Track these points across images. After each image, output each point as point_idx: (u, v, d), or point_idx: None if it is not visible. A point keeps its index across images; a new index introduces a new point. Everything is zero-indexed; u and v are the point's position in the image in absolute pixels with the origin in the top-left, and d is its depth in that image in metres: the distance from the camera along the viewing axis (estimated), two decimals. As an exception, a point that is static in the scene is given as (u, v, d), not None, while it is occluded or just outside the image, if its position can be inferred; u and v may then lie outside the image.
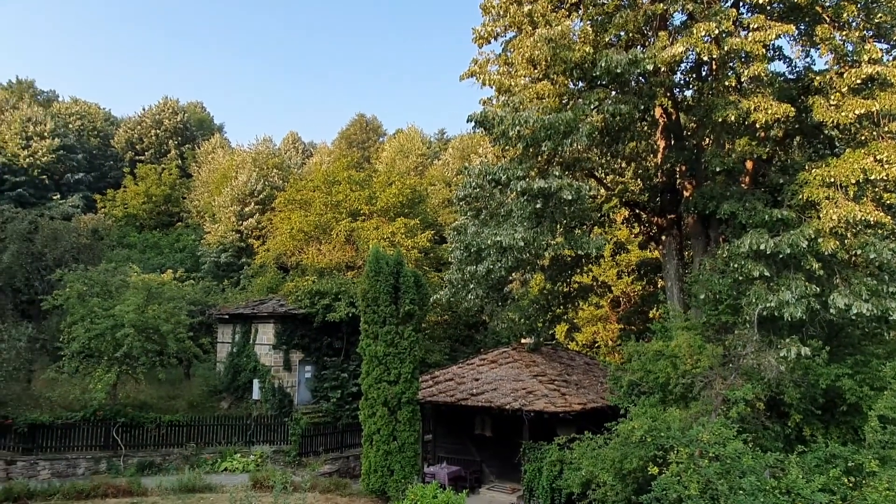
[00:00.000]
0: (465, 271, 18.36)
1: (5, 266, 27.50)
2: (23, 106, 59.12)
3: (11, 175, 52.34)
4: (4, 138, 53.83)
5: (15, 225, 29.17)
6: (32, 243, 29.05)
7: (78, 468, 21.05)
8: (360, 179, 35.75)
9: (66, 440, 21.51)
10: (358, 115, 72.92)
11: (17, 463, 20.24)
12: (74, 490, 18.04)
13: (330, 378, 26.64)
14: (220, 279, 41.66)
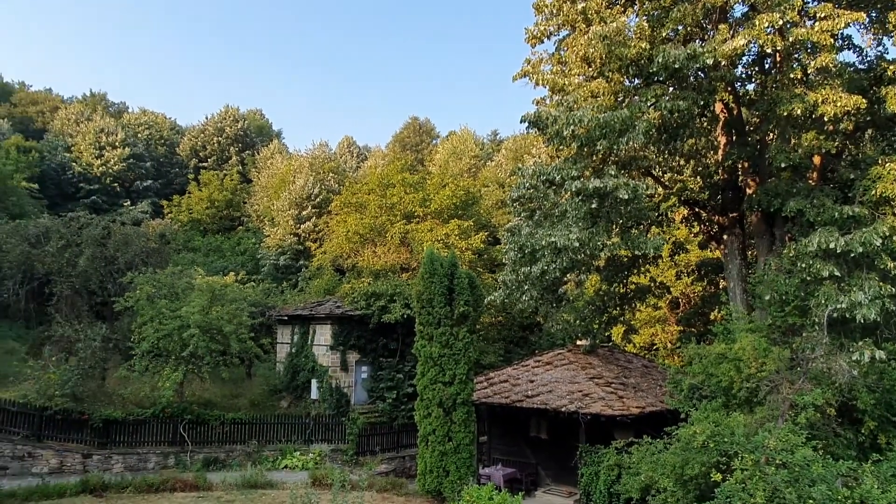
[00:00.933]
0: (520, 272, 18.27)
1: (81, 269, 29.00)
2: (96, 118, 62.36)
3: (86, 183, 55.29)
4: (80, 148, 56.88)
5: (90, 231, 30.74)
6: (106, 248, 30.51)
7: (148, 462, 21.98)
8: (414, 182, 36.04)
9: (137, 435, 22.48)
10: (411, 118, 73.65)
11: (92, 456, 21.30)
12: (145, 483, 18.83)
13: (385, 378, 26.97)
14: (279, 281, 42.79)
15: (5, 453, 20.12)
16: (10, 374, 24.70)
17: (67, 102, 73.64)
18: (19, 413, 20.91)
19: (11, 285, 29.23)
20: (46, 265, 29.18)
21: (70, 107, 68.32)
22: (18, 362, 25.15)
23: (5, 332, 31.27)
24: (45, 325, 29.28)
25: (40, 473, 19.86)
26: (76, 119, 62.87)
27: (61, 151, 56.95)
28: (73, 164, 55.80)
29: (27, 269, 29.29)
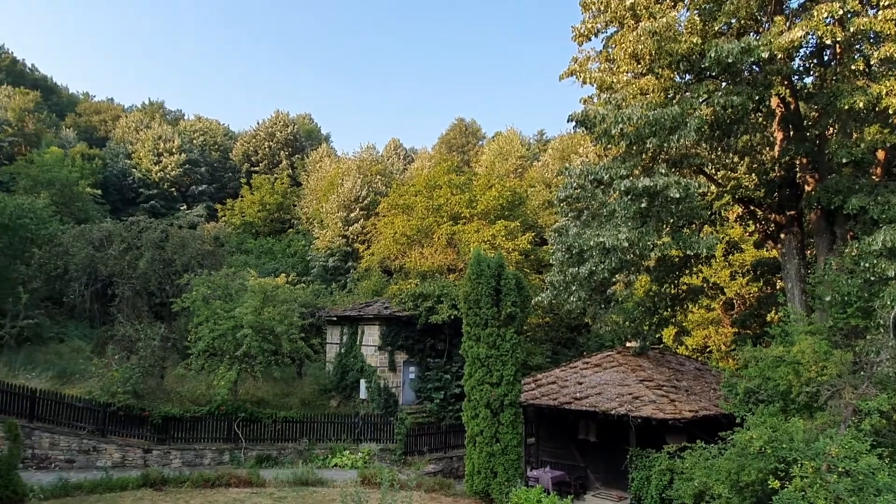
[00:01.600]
0: (567, 273, 18.08)
1: (141, 272, 30.15)
2: (154, 125, 64.78)
3: (146, 188, 57.50)
4: (140, 155, 59.20)
5: (149, 234, 31.95)
6: (164, 250, 31.63)
7: (204, 458, 22.67)
8: (461, 183, 36.11)
9: (193, 432, 23.20)
10: (457, 120, 73.83)
11: (152, 451, 22.12)
12: (202, 479, 19.43)
13: (433, 379, 27.10)
14: (329, 282, 43.51)
15: (72, 447, 21.10)
16: (77, 372, 25.88)
17: (128, 111, 76.83)
18: (85, 409, 21.88)
19: (77, 287, 30.61)
20: (109, 267, 30.44)
21: (130, 115, 71.23)
22: (84, 360, 26.37)
23: (72, 332, 32.77)
24: (108, 324, 30.57)
25: (104, 467, 20.75)
26: (136, 127, 65.49)
27: (122, 158, 59.41)
28: (133, 171, 58.13)
29: (92, 271, 30.62)
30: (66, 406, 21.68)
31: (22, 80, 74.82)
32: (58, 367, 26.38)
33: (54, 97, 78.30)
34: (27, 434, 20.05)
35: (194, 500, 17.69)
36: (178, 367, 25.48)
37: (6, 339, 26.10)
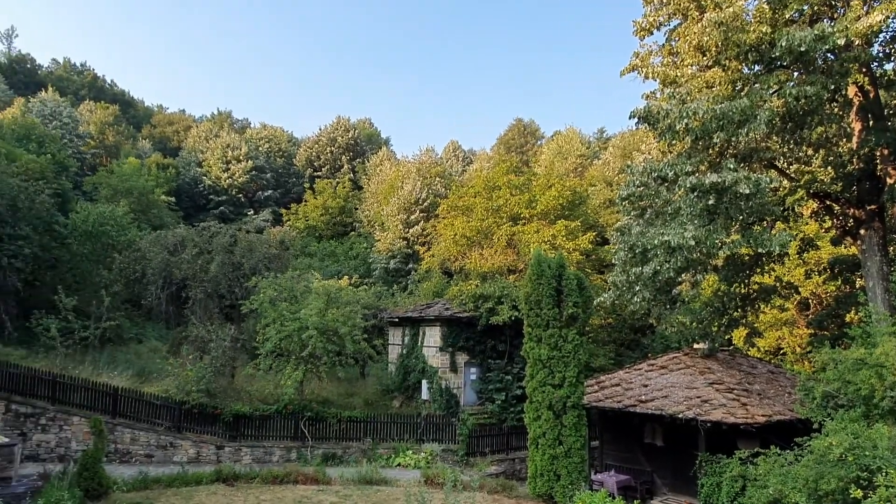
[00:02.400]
0: (630, 273, 17.69)
1: (212, 275, 31.38)
2: (223, 134, 67.40)
3: (215, 195, 59.89)
4: (209, 163, 61.71)
5: (219, 239, 33.22)
6: (233, 254, 32.81)
7: (273, 455, 23.38)
8: (520, 184, 35.88)
9: (262, 430, 23.94)
10: (516, 120, 73.48)
11: (224, 448, 22.98)
12: (271, 475, 20.03)
13: (494, 380, 27.04)
14: (390, 284, 44.07)
15: (151, 442, 22.18)
16: (154, 371, 27.17)
17: (198, 122, 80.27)
18: (162, 406, 22.97)
19: (154, 290, 32.14)
20: (183, 271, 31.83)
21: (200, 125, 74.40)
22: (161, 360, 27.64)
23: (150, 333, 34.46)
24: (182, 326, 31.95)
25: (180, 462, 21.70)
26: (206, 136, 68.32)
27: (193, 167, 62.09)
28: (203, 178, 60.66)
29: (167, 275, 32.10)
30: (145, 403, 22.83)
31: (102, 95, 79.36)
32: (137, 367, 27.78)
33: (131, 110, 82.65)
34: (110, 430, 21.19)
35: (264, 495, 18.24)
36: (248, 367, 26.36)
37: (91, 339, 27.68)
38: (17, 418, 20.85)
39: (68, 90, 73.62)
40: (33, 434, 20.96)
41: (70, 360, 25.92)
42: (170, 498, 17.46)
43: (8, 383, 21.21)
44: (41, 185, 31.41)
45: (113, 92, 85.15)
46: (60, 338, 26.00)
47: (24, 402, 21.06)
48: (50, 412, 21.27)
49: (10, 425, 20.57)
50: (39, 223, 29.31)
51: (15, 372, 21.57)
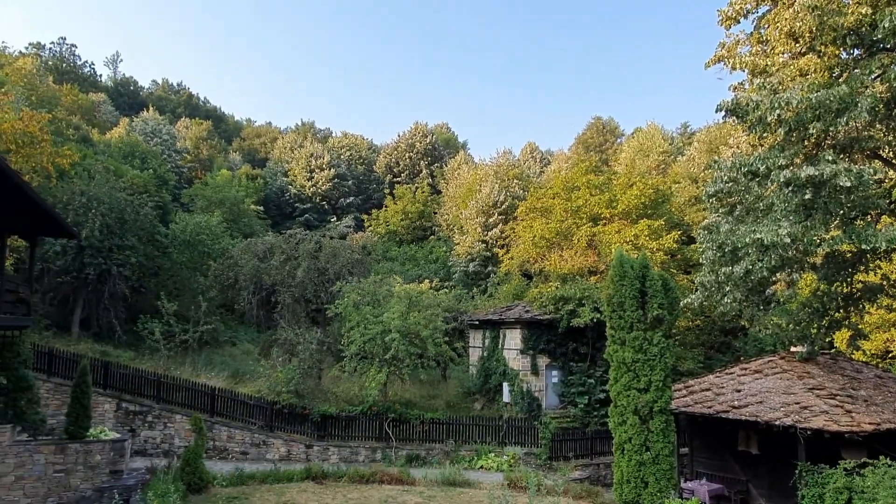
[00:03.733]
0: (719, 273, 16.94)
1: (299, 280, 32.60)
2: (307, 144, 69.96)
3: (300, 203, 62.21)
4: (294, 173, 64.20)
5: (305, 245, 34.48)
6: (318, 260, 33.97)
7: (358, 455, 24.00)
8: (600, 183, 35.19)
9: (348, 430, 24.65)
10: (594, 119, 72.03)
11: (313, 447, 23.80)
12: (357, 475, 20.58)
13: (576, 383, 26.59)
14: (470, 287, 44.29)
15: (246, 441, 23.30)
16: (247, 372, 28.54)
17: (283, 133, 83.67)
18: (255, 406, 24.09)
19: (246, 295, 33.75)
20: (272, 277, 33.25)
21: (286, 137, 77.52)
22: (253, 362, 28.99)
23: (242, 336, 36.21)
24: (271, 329, 33.39)
25: (272, 460, 22.68)
26: (291, 147, 71.13)
27: (280, 176, 64.77)
28: (289, 187, 63.17)
29: (257, 280, 33.63)
30: (239, 403, 24.02)
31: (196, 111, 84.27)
32: (231, 368, 29.27)
33: (223, 125, 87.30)
34: (209, 427, 22.43)
35: (351, 494, 18.76)
36: (334, 369, 27.18)
37: (190, 342, 29.43)
38: (127, 415, 22.45)
39: (166, 108, 78.73)
40: (141, 430, 22.50)
41: (172, 362, 27.68)
42: (263, 494, 18.28)
43: (119, 383, 22.91)
44: (144, 198, 33.71)
45: (206, 108, 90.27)
46: (163, 340, 27.84)
47: (132, 400, 22.66)
48: (155, 410, 22.76)
49: (121, 422, 22.18)
50: (144, 234, 31.45)
51: (125, 372, 23.25)
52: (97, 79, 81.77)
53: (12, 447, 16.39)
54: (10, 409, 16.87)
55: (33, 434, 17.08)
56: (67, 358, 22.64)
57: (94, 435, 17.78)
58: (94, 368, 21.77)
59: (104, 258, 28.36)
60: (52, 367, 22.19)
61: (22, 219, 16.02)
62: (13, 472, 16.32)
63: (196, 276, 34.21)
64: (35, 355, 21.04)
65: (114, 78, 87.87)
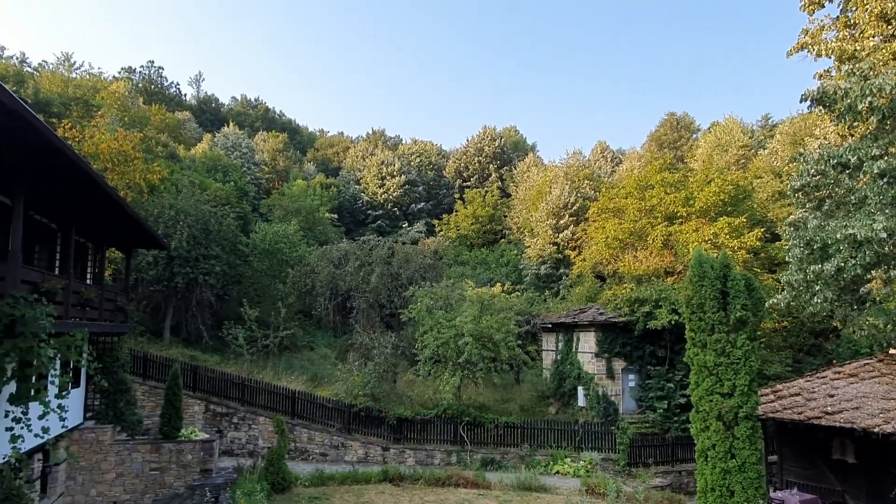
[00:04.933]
0: (808, 271, 16.10)
1: (373, 286, 33.29)
2: (378, 152, 71.40)
3: (372, 210, 63.49)
4: (366, 180, 65.62)
5: (378, 251, 35.19)
6: (391, 266, 34.58)
7: (434, 458, 24.20)
8: (675, 181, 34.10)
9: (423, 433, 24.92)
10: (667, 115, 69.78)
11: (389, 449, 24.21)
12: (433, 477, 20.77)
13: (655, 387, 25.83)
14: (541, 290, 43.88)
15: (325, 442, 23.97)
16: (325, 376, 29.35)
17: (355, 142, 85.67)
18: (333, 409, 24.75)
19: (322, 301, 34.77)
20: (347, 283, 34.11)
21: (357, 145, 79.38)
22: (330, 366, 29.79)
23: (319, 341, 37.28)
24: (347, 334, 34.21)
25: (350, 461, 23.22)
26: (362, 155, 72.77)
27: (352, 184, 66.35)
28: (361, 195, 64.61)
29: (333, 286, 34.59)
30: (318, 406, 24.75)
31: (273, 125, 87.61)
32: (310, 372, 30.18)
33: (297, 136, 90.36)
34: (290, 429, 23.24)
35: (427, 496, 18.95)
36: (408, 373, 27.57)
37: (271, 347, 30.58)
38: (215, 417, 23.57)
39: (245, 123, 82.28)
40: (228, 431, 23.56)
41: (254, 366, 28.84)
42: (343, 494, 18.75)
43: (207, 386, 24.09)
44: (227, 209, 35.34)
45: (281, 121, 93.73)
46: (246, 345, 29.06)
47: (219, 402, 23.76)
48: (240, 412, 23.79)
49: (209, 423, 23.31)
50: (226, 243, 32.96)
51: (212, 376, 24.43)
52: (182, 98, 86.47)
53: (113, 446, 17.57)
54: (111, 410, 18.09)
55: (131, 434, 18.23)
56: (160, 362, 24.03)
57: (186, 435, 18.79)
58: (184, 372, 22.99)
59: (191, 267, 29.91)
60: (146, 370, 23.60)
61: (119, 233, 17.18)
62: (114, 469, 17.49)
63: (275, 283, 35.52)
64: (132, 360, 22.42)
65: (197, 96, 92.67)
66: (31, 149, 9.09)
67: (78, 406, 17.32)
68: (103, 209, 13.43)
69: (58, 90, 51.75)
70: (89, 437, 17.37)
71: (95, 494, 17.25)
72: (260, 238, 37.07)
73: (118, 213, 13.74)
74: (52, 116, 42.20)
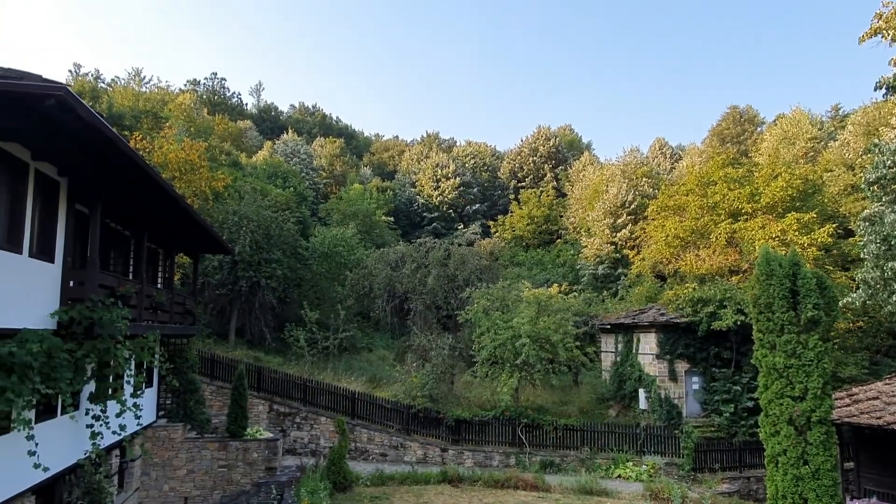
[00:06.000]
0: (886, 268, 15.28)
1: (430, 288, 33.53)
2: (432, 154, 71.89)
3: (428, 212, 63.94)
4: (421, 183, 66.15)
5: (434, 253, 35.41)
6: (447, 267, 34.74)
7: (492, 460, 24.15)
8: (739, 176, 32.94)
9: (481, 435, 24.89)
10: (730, 108, 67.46)
11: (448, 451, 24.30)
12: (492, 479, 20.73)
13: (720, 390, 24.99)
14: (599, 290, 43.16)
15: (385, 443, 24.28)
16: (383, 377, 29.75)
17: (410, 145, 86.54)
18: (392, 410, 25.05)
19: (380, 303, 35.26)
20: (404, 285, 34.47)
21: (412, 149, 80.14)
22: (389, 367, 30.16)
23: (377, 342, 37.82)
24: (405, 336, 34.56)
25: (410, 462, 23.44)
26: (417, 158, 73.42)
27: (408, 187, 67.01)
28: (417, 197, 65.17)
29: (390, 289, 35.02)
30: (377, 407, 25.10)
31: (330, 130, 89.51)
32: (369, 373, 30.66)
33: (353, 141, 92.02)
34: (350, 429, 23.65)
35: (487, 498, 18.93)
36: (465, 374, 27.59)
37: (331, 348, 31.23)
38: (278, 417, 24.23)
39: (303, 130, 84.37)
40: (290, 431, 24.18)
41: (315, 367, 29.50)
42: (403, 495, 18.95)
43: (270, 386, 24.81)
44: (287, 214, 36.31)
45: (338, 127, 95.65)
46: (307, 347, 29.75)
47: (282, 402, 24.42)
48: (302, 412, 24.38)
49: (273, 423, 23.99)
50: (287, 248, 33.88)
51: (275, 377, 25.14)
52: (244, 107, 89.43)
53: (184, 443, 18.31)
54: (181, 409, 18.87)
55: (200, 432, 18.96)
56: (226, 363, 24.90)
57: (252, 434, 19.40)
58: (249, 373, 23.74)
59: (254, 271, 30.87)
60: (213, 371, 24.50)
61: (187, 239, 17.94)
62: (185, 466, 18.23)
63: (334, 285, 36.24)
64: (200, 361, 23.31)
65: (257, 105, 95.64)
66: (108, 161, 9.61)
67: (151, 405, 18.15)
68: (172, 216, 14.06)
69: (129, 104, 54.38)
70: (162, 435, 18.17)
71: (168, 490, 18.02)
72: (319, 242, 37.90)
73: (186, 219, 14.35)
74: (124, 129, 44.38)
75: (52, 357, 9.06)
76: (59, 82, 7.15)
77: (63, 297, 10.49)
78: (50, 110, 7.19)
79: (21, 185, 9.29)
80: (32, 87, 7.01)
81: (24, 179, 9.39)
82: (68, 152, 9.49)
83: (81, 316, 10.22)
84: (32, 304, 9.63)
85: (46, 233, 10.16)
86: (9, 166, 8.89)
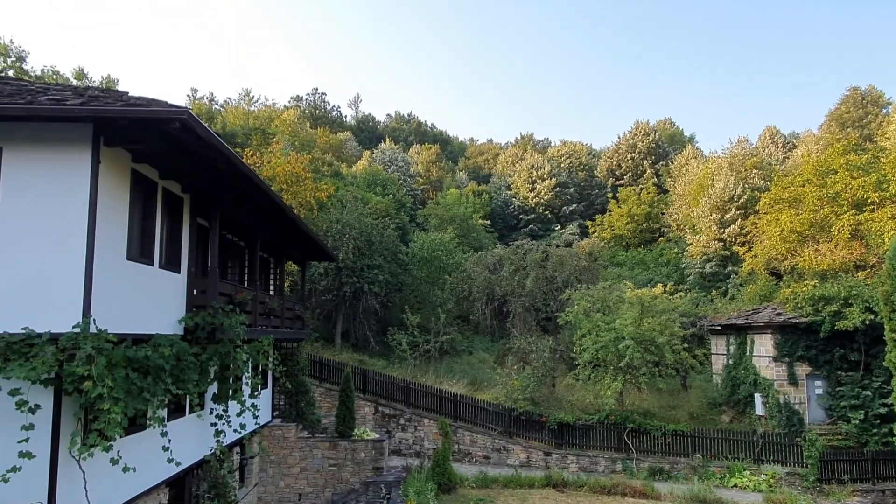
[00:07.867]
0: None
1: (528, 290, 33.33)
2: (527, 156, 71.50)
3: (524, 214, 63.63)
4: (517, 185, 65.96)
5: (532, 255, 35.18)
6: (545, 269, 34.39)
7: (598, 465, 23.58)
8: (863, 163, 30.38)
9: (585, 439, 24.36)
10: (850, 90, 62.21)
11: (551, 454, 23.99)
12: (598, 485, 20.23)
13: (848, 395, 23.08)
14: (707, 290, 41.14)
15: (487, 445, 24.36)
16: (484, 380, 29.86)
17: (504, 148, 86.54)
18: (494, 412, 25.08)
19: (479, 306, 35.47)
20: (502, 288, 34.48)
21: (506, 151, 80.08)
22: (489, 370, 30.26)
23: (477, 345, 38.03)
24: (504, 338, 34.53)
25: (513, 465, 23.36)
26: (512, 160, 73.26)
27: (503, 190, 67.00)
28: (512, 200, 65.02)
29: (489, 292, 35.15)
30: (479, 409, 25.24)
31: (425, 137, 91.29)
32: (469, 376, 30.89)
33: (448, 147, 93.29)
34: (453, 431, 23.90)
35: (593, 504, 18.55)
36: (567, 377, 27.15)
37: (432, 351, 31.76)
38: (383, 418, 24.94)
39: (399, 138, 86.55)
40: (395, 432, 24.81)
41: (417, 370, 30.11)
42: (507, 498, 18.95)
43: (375, 388, 25.60)
44: (387, 221, 37.36)
45: (433, 133, 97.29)
46: (409, 350, 30.42)
47: (387, 404, 25.11)
48: (406, 414, 24.95)
49: (378, 424, 24.72)
50: (388, 253, 34.85)
51: (379, 379, 25.91)
52: (343, 119, 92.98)
53: (297, 442, 19.28)
54: (294, 409, 19.89)
55: (311, 432, 19.89)
56: (333, 366, 25.95)
57: (359, 435, 20.10)
58: (354, 375, 24.60)
59: (357, 277, 31.98)
60: (322, 373, 25.61)
61: (295, 248, 18.93)
62: (298, 464, 19.18)
63: (434, 289, 36.83)
64: (309, 364, 24.44)
65: (356, 117, 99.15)
66: (225, 176, 10.36)
67: (267, 405, 19.25)
68: (282, 226, 14.90)
69: (240, 122, 58.06)
70: (277, 434, 19.22)
71: (283, 486, 19.04)
72: (418, 247, 38.67)
73: (294, 229, 15.17)
74: (236, 146, 47.42)
75: (180, 360, 9.84)
76: (182, 107, 7.81)
77: (188, 305, 11.38)
78: (174, 132, 7.87)
79: (151, 201, 10.20)
80: (161, 113, 7.70)
81: (154, 196, 10.29)
82: (191, 170, 10.31)
83: (205, 322, 11.05)
84: (163, 312, 10.52)
85: (173, 245, 11.08)
86: (141, 185, 9.79)
